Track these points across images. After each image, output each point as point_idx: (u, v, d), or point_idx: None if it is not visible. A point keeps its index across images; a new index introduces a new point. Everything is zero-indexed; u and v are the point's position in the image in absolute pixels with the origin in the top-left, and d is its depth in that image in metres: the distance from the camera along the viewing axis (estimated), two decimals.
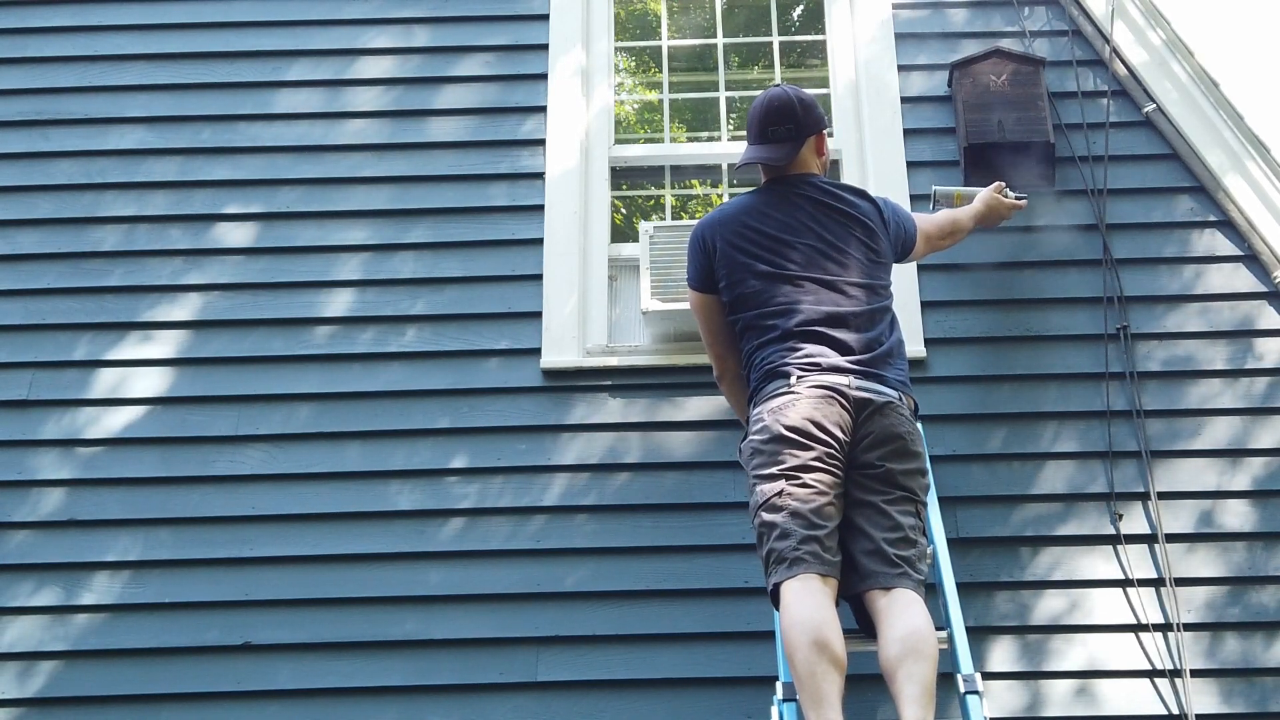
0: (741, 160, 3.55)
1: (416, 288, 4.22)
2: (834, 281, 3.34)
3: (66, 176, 4.46)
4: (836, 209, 3.44)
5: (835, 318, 3.29)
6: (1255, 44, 20.53)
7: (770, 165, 3.51)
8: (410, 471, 3.92)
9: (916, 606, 2.98)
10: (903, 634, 2.91)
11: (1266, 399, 3.96)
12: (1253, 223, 4.18)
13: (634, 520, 3.83)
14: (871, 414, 3.18)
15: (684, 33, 5.10)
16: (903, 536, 3.09)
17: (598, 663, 3.64)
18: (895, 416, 3.20)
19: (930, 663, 2.87)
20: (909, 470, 3.19)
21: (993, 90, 4.32)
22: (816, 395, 3.16)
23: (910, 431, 3.23)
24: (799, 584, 2.97)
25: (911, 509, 3.16)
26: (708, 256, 3.46)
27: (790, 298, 3.31)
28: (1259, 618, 3.65)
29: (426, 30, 4.69)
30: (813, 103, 3.54)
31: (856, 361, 3.24)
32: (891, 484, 3.15)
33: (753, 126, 3.54)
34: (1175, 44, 4.49)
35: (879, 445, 3.17)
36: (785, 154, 3.49)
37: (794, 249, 3.37)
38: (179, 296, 4.24)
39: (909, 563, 3.06)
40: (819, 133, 3.54)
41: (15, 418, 4.06)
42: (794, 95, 3.52)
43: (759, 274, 3.36)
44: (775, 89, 3.57)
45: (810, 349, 3.24)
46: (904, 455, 3.19)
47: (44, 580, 3.81)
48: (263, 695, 3.63)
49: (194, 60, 4.66)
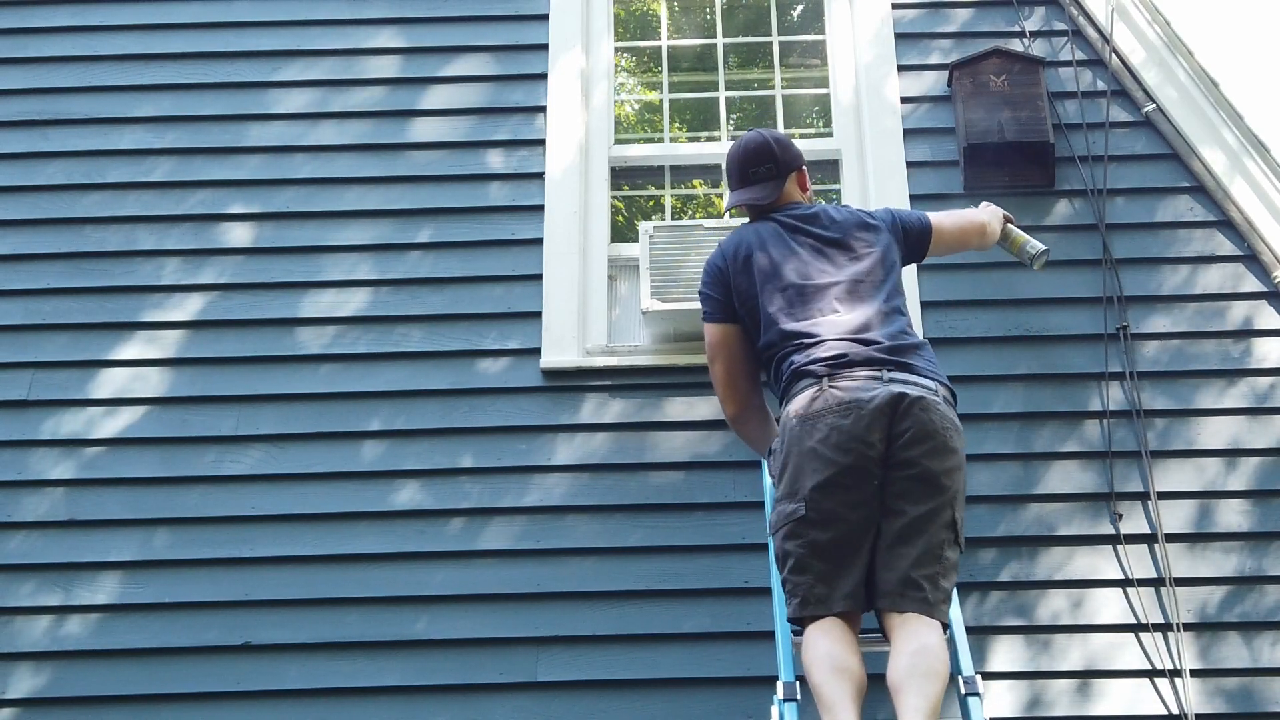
0: (729, 203, 3.59)
1: (417, 288, 4.22)
2: (851, 286, 3.32)
3: (67, 176, 4.46)
4: (837, 222, 3.45)
5: (858, 320, 3.26)
6: (1255, 44, 20.54)
7: (757, 204, 3.53)
8: (410, 471, 3.92)
9: (929, 628, 2.95)
10: (913, 649, 2.91)
11: (1266, 399, 3.96)
12: (1253, 223, 4.18)
13: (634, 520, 3.83)
14: (907, 408, 3.09)
15: (684, 33, 5.10)
16: (930, 555, 3.03)
17: (598, 663, 3.64)
18: (932, 412, 3.11)
19: (938, 682, 2.86)
20: (949, 469, 3.10)
21: (993, 90, 4.32)
22: (847, 397, 3.10)
23: (948, 426, 3.14)
24: (817, 625, 2.99)
25: (948, 516, 3.07)
26: (726, 287, 3.45)
27: (813, 308, 3.29)
28: (1259, 618, 3.65)
29: (426, 30, 4.69)
30: (788, 142, 3.58)
31: (885, 351, 3.20)
32: (930, 486, 3.06)
33: (733, 172, 3.57)
34: (1175, 44, 4.49)
35: (916, 444, 3.08)
36: (770, 191, 3.52)
37: (807, 264, 3.37)
38: (179, 296, 4.24)
39: (933, 582, 3.01)
40: (799, 169, 3.57)
41: (15, 418, 4.06)
42: (769, 136, 3.56)
43: (781, 289, 3.34)
44: (748, 135, 3.59)
45: (838, 346, 3.20)
46: (942, 452, 3.10)
47: (44, 580, 3.81)
48: (263, 695, 3.63)
49: (194, 60, 4.66)
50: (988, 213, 3.80)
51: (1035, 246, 3.80)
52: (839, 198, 4.50)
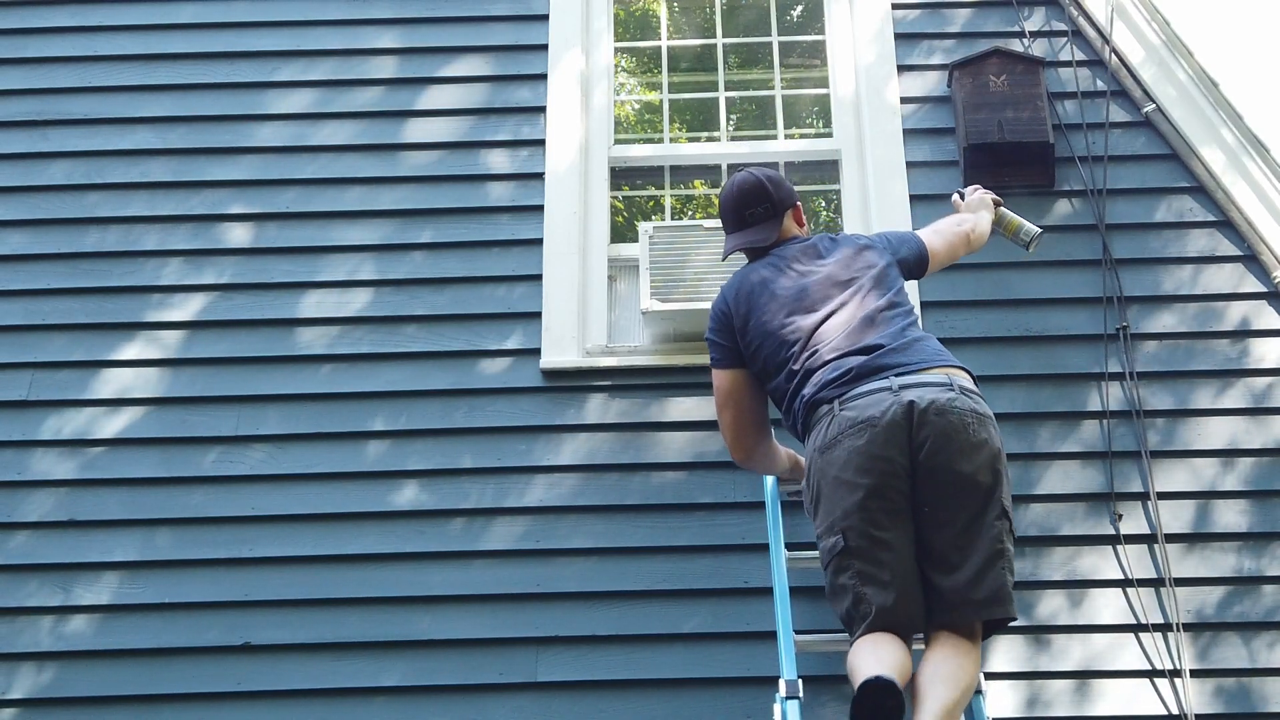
0: (727, 249, 3.53)
1: (416, 288, 4.22)
2: (853, 307, 3.27)
3: (66, 176, 4.46)
4: (835, 249, 3.42)
5: (860, 333, 3.21)
6: (1255, 44, 20.54)
7: (757, 247, 3.49)
8: (410, 472, 3.92)
9: (960, 644, 2.94)
10: (939, 658, 2.91)
11: (1266, 399, 3.96)
12: (1253, 223, 4.18)
13: (634, 520, 3.83)
14: (922, 417, 3.00)
15: (684, 33, 5.10)
16: (992, 558, 2.97)
17: (598, 663, 3.64)
18: (949, 413, 3.01)
19: (960, 692, 2.84)
20: (982, 464, 3.01)
21: (992, 90, 4.32)
22: (859, 417, 3.03)
23: (968, 421, 3.02)
24: (869, 640, 2.91)
25: (998, 509, 3.00)
26: (731, 333, 3.40)
27: (816, 338, 3.24)
28: (1259, 618, 3.66)
29: (426, 30, 4.69)
30: (780, 179, 3.55)
31: (889, 354, 3.13)
32: (968, 488, 2.99)
33: (728, 214, 3.52)
34: (1175, 43, 4.49)
35: (940, 451, 2.99)
36: (769, 232, 3.49)
37: (808, 297, 3.32)
38: (180, 296, 4.24)
39: (1002, 583, 2.97)
40: (795, 204, 3.54)
41: (15, 418, 4.06)
42: (761, 175, 3.52)
43: (784, 328, 3.28)
44: (738, 175, 3.55)
45: (842, 364, 3.15)
46: (969, 451, 3.00)
47: (44, 580, 3.80)
48: (263, 695, 3.63)
49: (194, 60, 4.66)
50: (973, 215, 3.76)
51: (1030, 231, 3.80)
52: (839, 198, 4.51)
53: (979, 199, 3.84)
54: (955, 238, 3.67)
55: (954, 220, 3.75)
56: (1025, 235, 3.80)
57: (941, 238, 3.64)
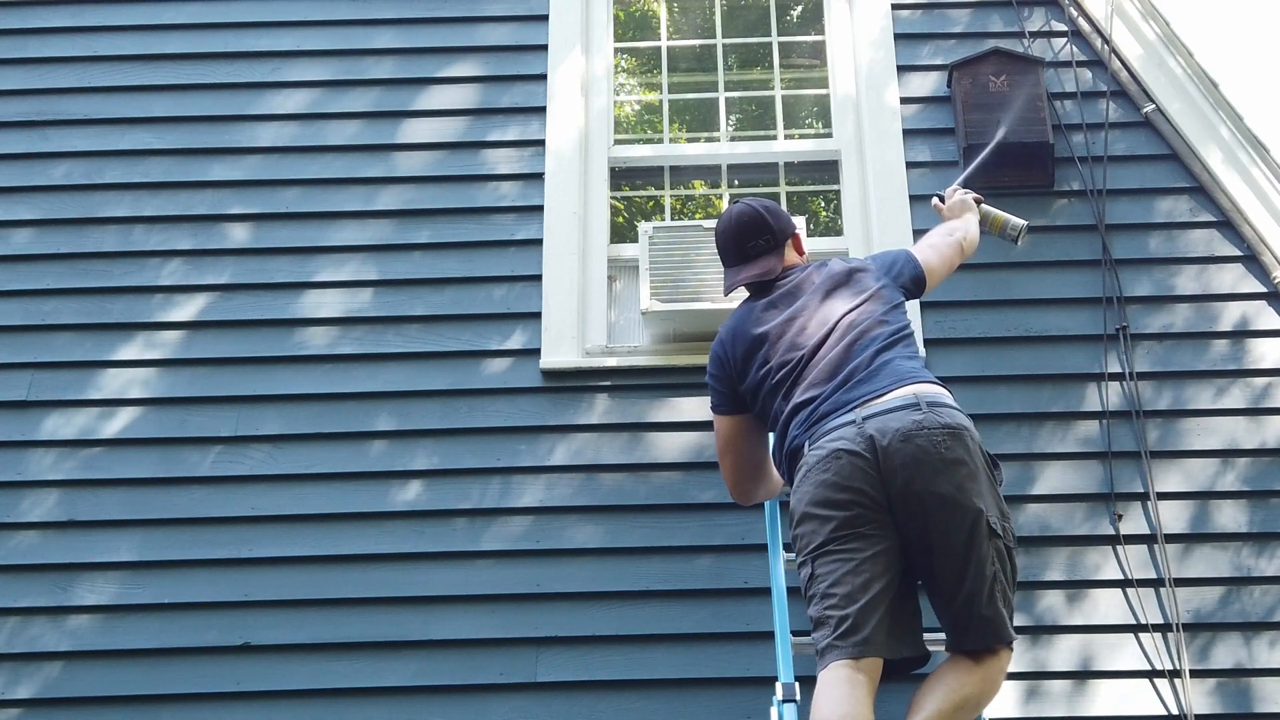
0: (730, 285, 3.44)
1: (416, 288, 4.22)
2: (842, 333, 3.21)
3: (66, 176, 4.46)
4: (830, 277, 3.37)
5: (839, 364, 3.15)
6: (1254, 43, 20.55)
7: (763, 280, 3.42)
8: (410, 472, 3.93)
9: (962, 663, 2.95)
10: (940, 673, 2.95)
11: (1266, 399, 3.97)
12: (1252, 223, 4.18)
13: (634, 520, 3.83)
14: (887, 448, 2.94)
15: (684, 33, 5.10)
16: (984, 583, 2.93)
17: (598, 663, 3.64)
18: (916, 437, 2.94)
19: (951, 705, 2.87)
20: (959, 483, 2.93)
21: (992, 90, 4.33)
22: (824, 452, 2.99)
23: (936, 440, 2.95)
24: (828, 674, 2.85)
25: (982, 527, 2.92)
26: (730, 379, 3.36)
27: (805, 372, 3.18)
28: (1259, 618, 3.66)
29: (426, 30, 4.69)
30: (778, 208, 3.50)
31: (856, 384, 3.08)
32: (948, 510, 2.92)
33: (729, 248, 3.45)
34: (1174, 44, 4.49)
35: (914, 479, 2.92)
36: (773, 264, 3.42)
37: (803, 330, 3.26)
38: (179, 297, 4.24)
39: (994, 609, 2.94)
40: (794, 234, 3.49)
41: (15, 418, 4.06)
42: (758, 207, 3.46)
43: (779, 369, 3.23)
44: (735, 207, 3.48)
45: (817, 404, 3.10)
46: (943, 471, 2.93)
47: (44, 580, 3.80)
48: (263, 695, 3.63)
49: (193, 60, 4.66)
50: (961, 222, 3.69)
51: (1016, 225, 3.77)
52: (839, 198, 4.51)
53: (959, 201, 3.78)
54: (949, 249, 3.60)
55: (944, 230, 3.67)
56: (1012, 230, 3.78)
57: (936, 252, 3.57)
